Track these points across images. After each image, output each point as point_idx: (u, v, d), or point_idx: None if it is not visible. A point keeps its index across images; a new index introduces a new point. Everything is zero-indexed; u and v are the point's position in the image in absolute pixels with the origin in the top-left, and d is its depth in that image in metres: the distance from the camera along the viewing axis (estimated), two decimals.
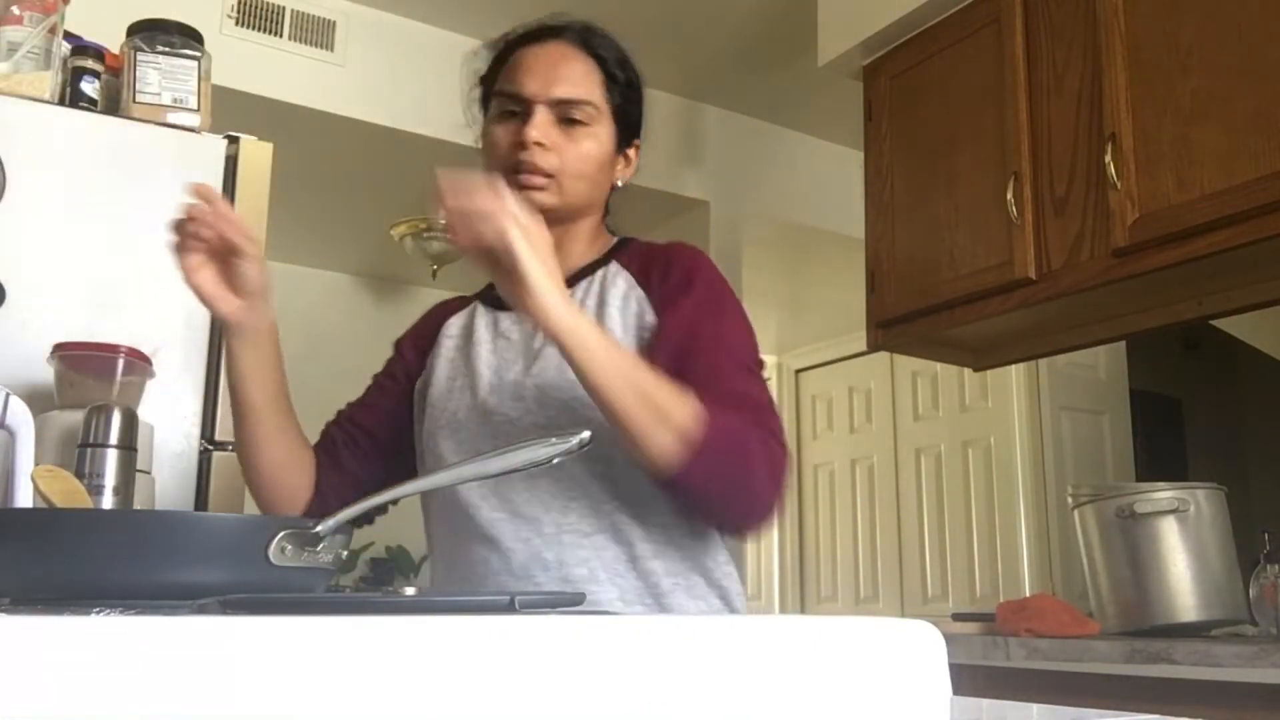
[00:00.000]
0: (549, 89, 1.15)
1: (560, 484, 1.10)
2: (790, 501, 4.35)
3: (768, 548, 4.96)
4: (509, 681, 0.41)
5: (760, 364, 1.15)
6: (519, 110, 1.15)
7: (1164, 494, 2.04)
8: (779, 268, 4.42)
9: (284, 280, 4.27)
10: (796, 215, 3.94)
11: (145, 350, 1.44)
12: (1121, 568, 2.06)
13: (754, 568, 4.96)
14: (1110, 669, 1.71)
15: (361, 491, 1.04)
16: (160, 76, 1.65)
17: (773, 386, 6.19)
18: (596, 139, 1.17)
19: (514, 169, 1.13)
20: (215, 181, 1.67)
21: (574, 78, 1.16)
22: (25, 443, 1.26)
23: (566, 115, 1.15)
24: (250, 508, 1.57)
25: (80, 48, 1.69)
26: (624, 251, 1.22)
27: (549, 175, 1.14)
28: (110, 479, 1.21)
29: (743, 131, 3.88)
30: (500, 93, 1.18)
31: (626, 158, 1.23)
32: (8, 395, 1.27)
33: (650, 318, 1.14)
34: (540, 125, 1.13)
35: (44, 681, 0.34)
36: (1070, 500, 2.30)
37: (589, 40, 1.20)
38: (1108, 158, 2.00)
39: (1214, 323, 2.39)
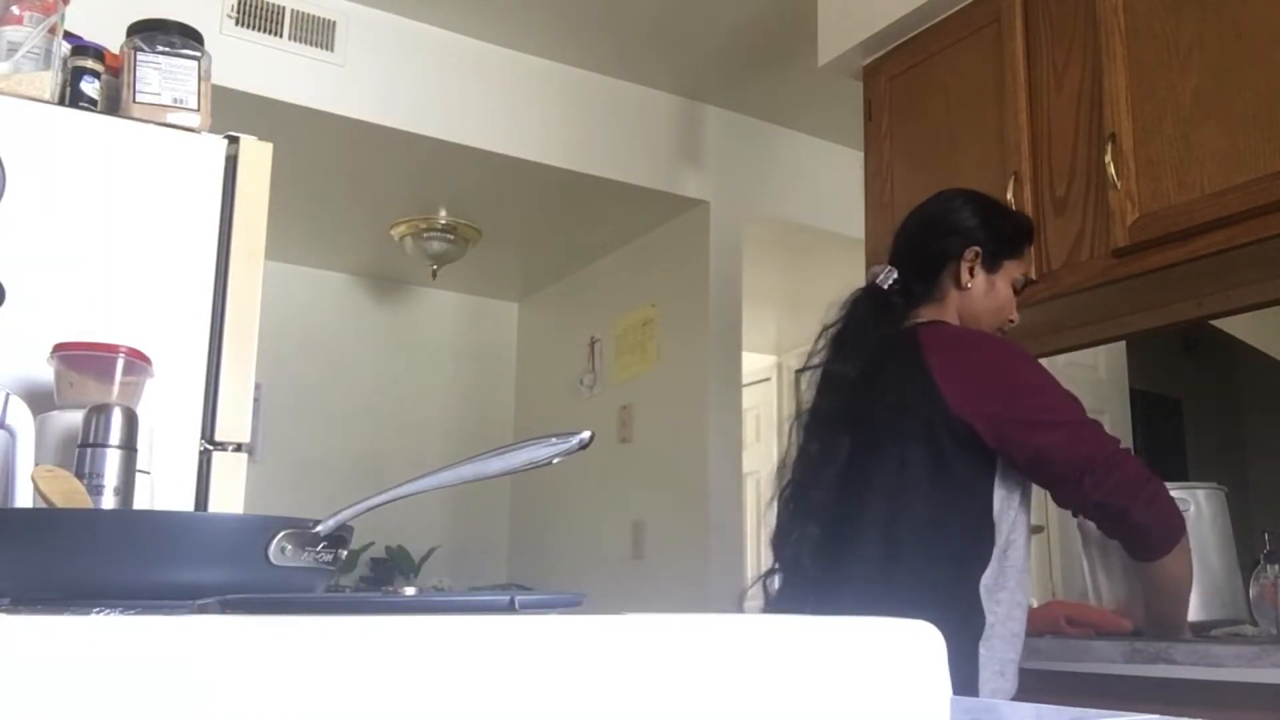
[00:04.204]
0: None
1: None
2: None
3: (766, 547, 4.95)
4: (509, 681, 0.41)
5: None
6: (1020, 289, 1.78)
7: None
8: (779, 268, 4.41)
9: (284, 280, 4.27)
10: (796, 215, 3.94)
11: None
12: (1122, 568, 2.06)
13: (753, 568, 4.95)
14: (1110, 669, 1.71)
15: None
16: (160, 76, 1.65)
17: (773, 387, 6.10)
18: None
19: (1001, 326, 1.77)
20: (215, 181, 1.67)
21: None
22: (25, 443, 1.26)
23: None
24: (250, 507, 1.57)
25: (80, 48, 1.69)
26: None
27: None
28: (110, 479, 1.21)
29: (743, 131, 3.88)
30: (1021, 269, 1.78)
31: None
32: (8, 395, 1.27)
33: None
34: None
35: (44, 681, 0.34)
36: None
37: None
38: (1108, 158, 2.00)
39: (1214, 323, 2.38)
